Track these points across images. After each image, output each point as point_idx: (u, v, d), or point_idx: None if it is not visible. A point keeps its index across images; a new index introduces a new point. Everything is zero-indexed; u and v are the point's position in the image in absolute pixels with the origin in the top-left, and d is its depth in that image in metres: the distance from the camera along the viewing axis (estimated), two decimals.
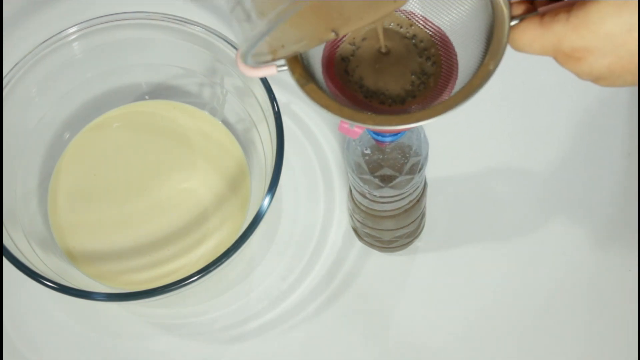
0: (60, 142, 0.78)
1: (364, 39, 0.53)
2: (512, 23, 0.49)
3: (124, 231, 0.75)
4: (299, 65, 0.50)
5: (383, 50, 0.53)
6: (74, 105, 0.78)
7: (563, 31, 0.46)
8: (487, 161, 0.78)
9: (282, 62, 0.50)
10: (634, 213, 0.75)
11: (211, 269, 0.65)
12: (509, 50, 0.49)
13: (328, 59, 0.52)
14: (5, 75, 0.71)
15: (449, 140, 0.78)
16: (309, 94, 0.49)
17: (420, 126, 0.63)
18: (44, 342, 0.74)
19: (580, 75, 0.49)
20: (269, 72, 0.50)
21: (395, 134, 0.57)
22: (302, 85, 0.49)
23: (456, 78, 0.51)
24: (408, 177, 0.63)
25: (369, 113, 0.49)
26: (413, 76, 0.52)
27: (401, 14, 0.53)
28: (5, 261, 0.67)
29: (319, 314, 0.73)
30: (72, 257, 0.74)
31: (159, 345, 0.73)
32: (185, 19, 0.73)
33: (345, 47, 0.53)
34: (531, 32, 0.48)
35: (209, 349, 0.73)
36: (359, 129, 0.50)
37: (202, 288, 0.73)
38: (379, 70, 0.53)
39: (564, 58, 0.48)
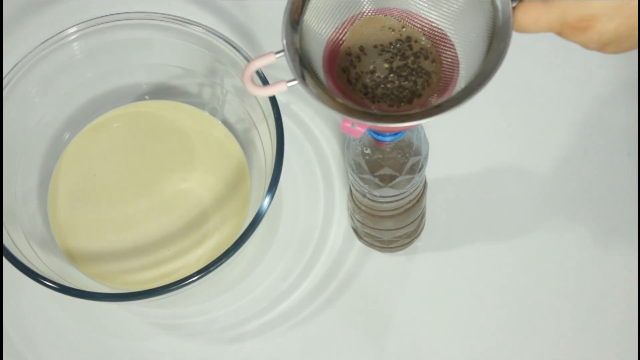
0: (60, 142, 0.78)
1: (360, 48, 0.53)
2: (514, 4, 0.49)
3: (124, 231, 0.75)
4: (309, 76, 0.50)
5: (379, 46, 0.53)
6: (74, 105, 0.78)
7: (567, 2, 0.47)
8: (487, 161, 0.78)
9: (292, 77, 0.50)
10: (634, 213, 0.75)
11: (211, 269, 0.65)
12: (509, 50, 0.49)
13: (330, 69, 0.52)
14: (5, 75, 0.71)
15: (449, 140, 0.78)
16: (318, 99, 0.49)
17: (421, 126, 0.63)
18: (44, 342, 0.74)
19: (587, 44, 0.49)
20: (279, 88, 0.50)
21: (396, 133, 0.57)
22: (311, 93, 0.49)
23: (458, 71, 0.51)
24: (408, 176, 0.63)
25: (378, 112, 0.49)
26: (414, 76, 0.53)
27: (392, 17, 0.53)
28: (5, 261, 0.67)
29: (319, 314, 0.73)
30: (72, 257, 0.74)
31: (159, 345, 0.73)
32: (185, 19, 0.73)
33: (342, 58, 0.53)
34: (534, 10, 0.48)
35: (209, 349, 0.73)
36: (361, 128, 0.50)
37: (202, 288, 0.73)
38: (380, 77, 0.53)
39: (571, 30, 0.48)
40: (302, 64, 0.50)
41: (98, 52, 0.75)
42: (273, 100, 0.69)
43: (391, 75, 0.53)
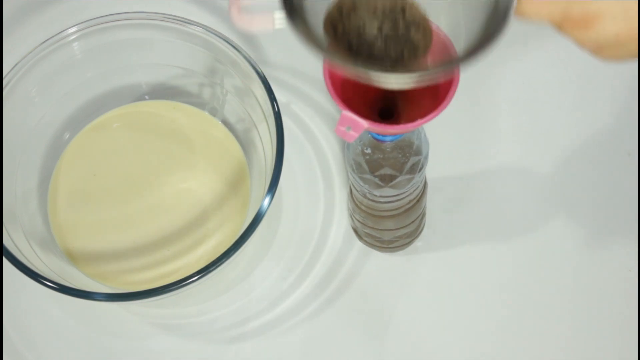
0: (60, 142, 0.78)
1: (353, 6, 0.52)
2: None
3: (124, 231, 0.75)
4: (299, 19, 0.49)
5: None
6: (74, 105, 0.78)
7: None
8: (488, 161, 0.78)
9: (280, 15, 0.48)
10: (634, 213, 0.75)
11: (211, 269, 0.65)
12: (509, 50, 0.49)
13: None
14: (5, 75, 0.71)
15: (449, 140, 0.78)
16: (305, 38, 0.48)
17: (421, 126, 0.63)
18: (44, 342, 0.74)
19: (583, 43, 0.47)
20: (264, 23, 0.48)
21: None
22: (298, 33, 0.48)
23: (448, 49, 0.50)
24: (408, 176, 0.63)
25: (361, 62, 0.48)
26: (401, 45, 0.51)
27: None
28: (5, 261, 0.67)
29: (319, 314, 0.73)
30: (72, 257, 0.74)
31: (159, 345, 0.73)
32: (185, 19, 0.73)
33: (333, 11, 0.52)
34: None
35: (209, 349, 0.73)
36: (355, 133, 0.50)
37: (202, 288, 0.73)
38: (368, 37, 0.52)
39: (571, 25, 0.47)
40: (295, 8, 0.49)
41: (98, 52, 0.75)
42: (273, 100, 0.69)
43: (379, 39, 0.52)
